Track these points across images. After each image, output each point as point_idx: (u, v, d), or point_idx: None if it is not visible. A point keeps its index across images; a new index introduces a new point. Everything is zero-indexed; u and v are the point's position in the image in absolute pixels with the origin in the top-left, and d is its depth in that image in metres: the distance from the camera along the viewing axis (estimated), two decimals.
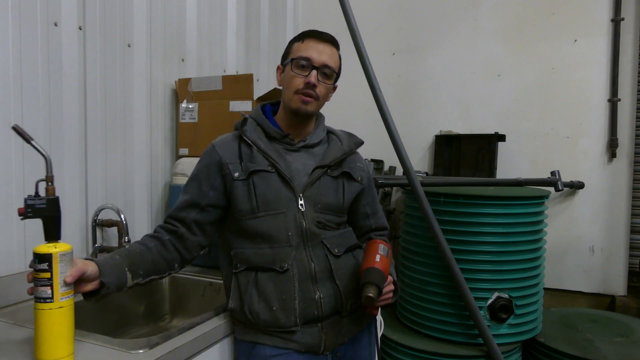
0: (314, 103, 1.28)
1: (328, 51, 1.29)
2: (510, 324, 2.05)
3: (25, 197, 1.01)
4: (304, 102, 1.27)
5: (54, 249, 0.98)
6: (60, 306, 0.98)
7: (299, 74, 1.27)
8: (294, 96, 1.27)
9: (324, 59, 1.27)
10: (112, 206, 1.63)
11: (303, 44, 1.29)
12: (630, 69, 2.54)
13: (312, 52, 1.27)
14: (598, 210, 2.59)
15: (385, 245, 1.30)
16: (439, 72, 2.90)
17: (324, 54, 1.28)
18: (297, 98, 1.27)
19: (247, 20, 2.66)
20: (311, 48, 1.27)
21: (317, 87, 1.27)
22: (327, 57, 1.28)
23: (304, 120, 1.33)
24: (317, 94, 1.27)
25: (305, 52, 1.27)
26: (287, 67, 1.30)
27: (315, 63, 1.26)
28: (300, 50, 1.28)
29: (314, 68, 1.26)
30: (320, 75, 1.27)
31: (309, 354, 1.26)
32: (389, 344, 2.16)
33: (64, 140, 1.58)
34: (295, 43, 1.31)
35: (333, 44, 1.31)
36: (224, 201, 1.30)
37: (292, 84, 1.27)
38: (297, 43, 1.30)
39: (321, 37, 1.29)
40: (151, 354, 1.09)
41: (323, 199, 1.30)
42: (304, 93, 1.26)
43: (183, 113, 2.06)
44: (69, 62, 1.59)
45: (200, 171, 1.31)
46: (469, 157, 2.71)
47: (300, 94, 1.27)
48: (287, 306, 1.22)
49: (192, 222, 1.28)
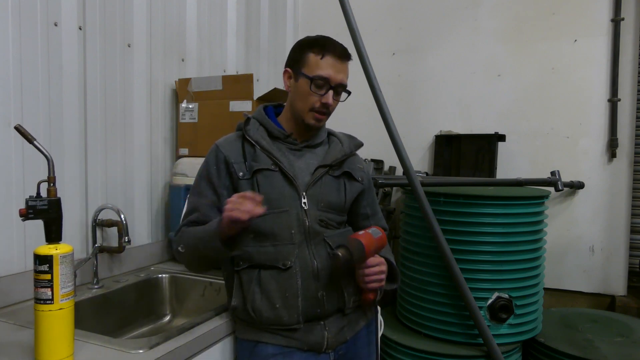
0: (326, 118, 1.33)
1: (344, 69, 1.31)
2: (510, 324, 2.05)
3: (27, 198, 1.01)
4: (317, 119, 1.30)
5: (55, 250, 0.98)
6: (61, 307, 0.99)
7: (316, 93, 1.28)
8: (308, 113, 1.30)
9: (340, 78, 1.29)
10: (112, 206, 1.63)
11: (322, 61, 1.27)
12: (630, 69, 2.53)
13: (331, 71, 1.27)
14: (598, 210, 2.59)
15: (377, 229, 1.32)
16: (439, 72, 2.90)
17: (341, 73, 1.29)
18: (311, 115, 1.30)
19: (247, 20, 2.66)
20: (330, 67, 1.27)
21: (331, 105, 1.30)
22: (344, 75, 1.30)
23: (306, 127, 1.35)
24: (330, 111, 1.32)
25: (325, 72, 1.27)
26: (303, 80, 1.29)
27: (332, 83, 1.28)
28: (320, 68, 1.27)
29: (330, 88, 1.28)
30: (335, 94, 1.30)
31: (312, 352, 1.27)
32: (389, 344, 2.16)
33: (64, 140, 1.58)
34: (311, 54, 1.28)
35: (348, 59, 1.32)
36: None
37: (308, 101, 1.29)
38: (314, 56, 1.28)
39: (340, 55, 1.29)
40: (151, 354, 1.10)
41: (325, 197, 1.31)
42: (319, 112, 1.29)
43: (183, 113, 2.05)
44: (69, 62, 1.59)
45: (211, 173, 1.30)
46: (469, 157, 2.71)
47: (315, 112, 1.29)
48: (290, 304, 1.23)
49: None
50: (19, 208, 1.03)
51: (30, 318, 1.10)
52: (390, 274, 1.37)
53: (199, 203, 1.30)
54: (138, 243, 1.90)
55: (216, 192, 1.29)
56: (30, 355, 1.05)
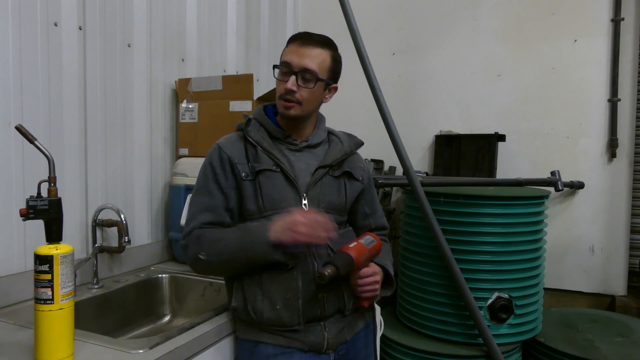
0: (297, 107, 1.28)
1: (312, 53, 1.26)
2: (510, 324, 2.05)
3: (28, 198, 1.01)
4: (286, 107, 1.28)
5: (55, 250, 0.98)
6: (61, 308, 0.99)
7: (281, 80, 1.28)
8: (279, 101, 1.30)
9: (304, 63, 1.25)
10: (112, 206, 1.63)
11: (287, 48, 1.29)
12: (630, 69, 2.53)
13: (293, 56, 1.26)
14: (598, 210, 2.59)
15: (372, 236, 1.32)
16: (439, 72, 2.90)
17: (305, 58, 1.25)
18: (281, 103, 1.29)
19: (247, 20, 2.66)
20: (292, 52, 1.27)
21: (298, 93, 1.26)
22: (309, 60, 1.25)
23: (296, 123, 1.34)
24: (297, 99, 1.27)
25: (287, 57, 1.27)
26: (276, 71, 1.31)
27: (294, 68, 1.26)
28: (284, 54, 1.29)
29: (292, 73, 1.26)
30: (300, 80, 1.26)
31: (312, 352, 1.27)
32: (389, 344, 2.16)
33: (64, 140, 1.58)
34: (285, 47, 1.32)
35: (320, 44, 1.28)
36: (238, 201, 1.30)
37: (278, 89, 1.30)
38: (285, 47, 1.31)
39: (306, 40, 1.27)
40: (151, 354, 1.10)
41: (326, 198, 1.31)
42: (285, 99, 1.27)
43: (183, 113, 2.05)
44: (69, 62, 1.59)
45: (217, 173, 1.29)
46: (469, 157, 2.71)
47: (283, 100, 1.28)
48: (291, 305, 1.23)
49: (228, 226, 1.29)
50: (19, 208, 1.03)
51: (30, 318, 1.10)
52: (386, 280, 1.37)
53: (210, 203, 1.27)
54: (138, 243, 1.90)
55: (224, 192, 1.28)
56: (30, 355, 1.05)
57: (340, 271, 1.18)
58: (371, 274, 1.28)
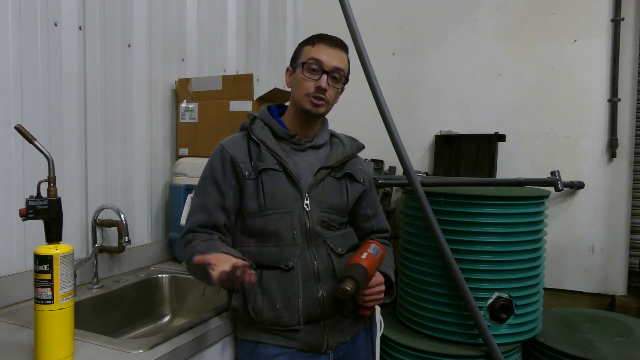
0: (325, 106, 1.31)
1: (338, 55, 1.31)
2: (510, 324, 2.05)
3: (27, 198, 1.01)
4: (315, 105, 1.29)
5: (55, 250, 0.98)
6: (61, 308, 0.99)
7: (310, 78, 1.29)
8: (304, 98, 1.30)
9: (334, 63, 1.29)
10: (112, 206, 1.63)
11: (314, 48, 1.30)
12: (630, 69, 2.53)
13: (323, 55, 1.29)
14: (598, 210, 2.59)
15: (377, 245, 1.32)
16: (439, 72, 2.90)
17: (334, 58, 1.30)
18: (307, 100, 1.29)
19: (247, 20, 2.66)
20: (322, 52, 1.29)
21: (328, 91, 1.29)
22: (338, 61, 1.30)
23: (314, 120, 1.36)
24: (327, 97, 1.30)
25: (317, 55, 1.29)
26: (298, 69, 1.31)
27: (325, 67, 1.28)
28: (312, 53, 1.30)
29: (324, 72, 1.28)
30: (330, 79, 1.30)
31: (312, 352, 1.27)
32: (389, 344, 2.16)
33: (64, 140, 1.58)
34: (306, 46, 1.33)
35: (343, 48, 1.34)
36: (239, 201, 1.30)
37: (303, 87, 1.29)
38: (307, 46, 1.32)
39: (332, 42, 1.32)
40: (151, 354, 1.10)
41: (328, 199, 1.32)
42: (315, 97, 1.29)
43: (183, 113, 2.06)
44: (69, 62, 1.59)
45: (216, 172, 1.30)
46: (469, 157, 2.71)
47: (312, 97, 1.29)
48: (291, 305, 1.23)
49: (222, 226, 1.29)
50: (19, 208, 1.03)
51: (30, 318, 1.10)
52: (387, 288, 1.37)
53: (204, 203, 1.29)
54: (138, 243, 1.90)
55: (221, 191, 1.28)
56: (30, 355, 1.05)
57: (360, 285, 1.20)
58: (377, 284, 1.29)
